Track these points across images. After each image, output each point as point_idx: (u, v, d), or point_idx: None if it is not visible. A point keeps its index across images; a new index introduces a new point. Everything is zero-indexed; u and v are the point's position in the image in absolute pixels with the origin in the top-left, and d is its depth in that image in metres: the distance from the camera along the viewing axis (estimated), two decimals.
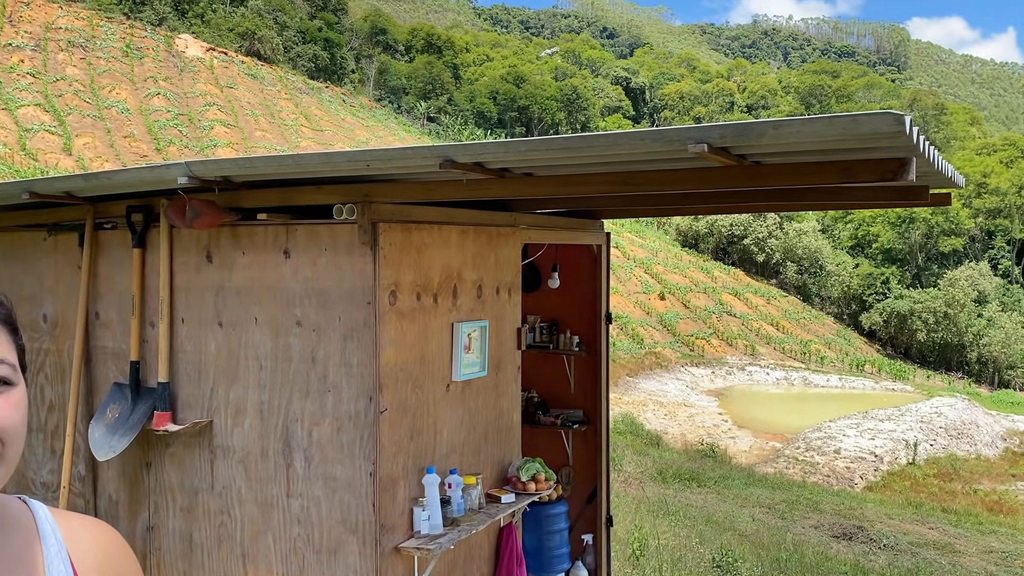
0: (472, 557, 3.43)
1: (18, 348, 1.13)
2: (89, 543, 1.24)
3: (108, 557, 1.25)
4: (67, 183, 3.26)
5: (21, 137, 36.03)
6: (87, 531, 1.26)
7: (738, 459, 20.24)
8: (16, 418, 1.07)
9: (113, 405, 3.32)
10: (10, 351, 1.10)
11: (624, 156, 2.42)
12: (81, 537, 1.24)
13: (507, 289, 3.71)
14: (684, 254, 52.50)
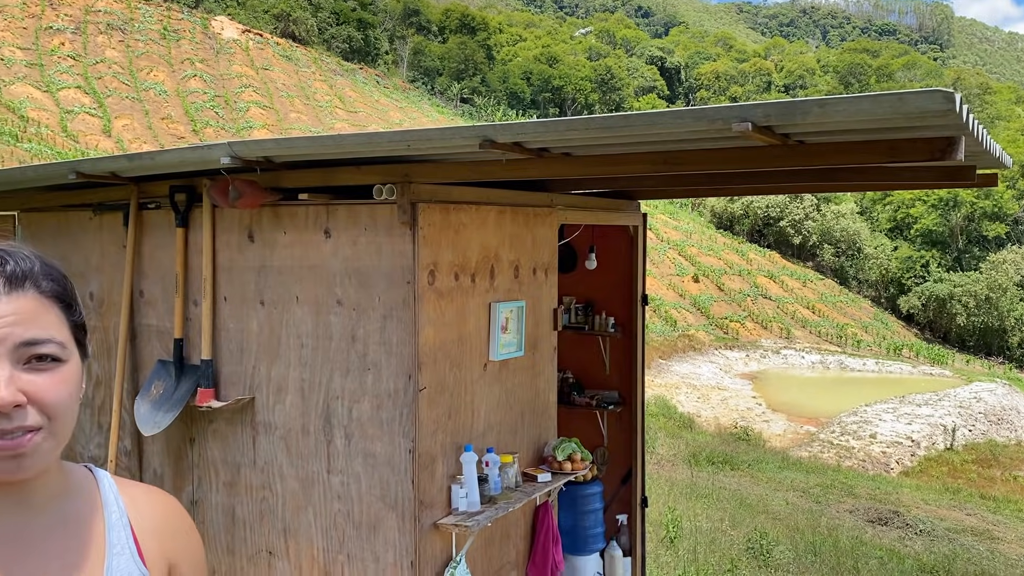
0: (509, 535, 3.47)
1: (73, 324, 1.15)
2: (149, 511, 1.28)
3: (167, 524, 1.29)
4: (112, 163, 3.32)
5: (62, 119, 36.65)
6: (147, 499, 1.30)
7: (772, 443, 20.11)
8: (64, 394, 1.10)
9: (158, 382, 3.40)
10: (60, 328, 1.12)
11: (665, 135, 2.41)
12: (142, 504, 1.28)
13: (544, 270, 3.72)
14: (719, 236, 51.99)
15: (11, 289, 1.08)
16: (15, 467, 1.06)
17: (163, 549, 1.26)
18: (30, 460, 1.07)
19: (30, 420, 1.05)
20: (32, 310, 1.09)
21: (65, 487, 1.20)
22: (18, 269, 1.09)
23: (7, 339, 1.05)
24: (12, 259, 1.10)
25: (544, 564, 3.51)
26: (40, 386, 1.07)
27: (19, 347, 1.06)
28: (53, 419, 1.08)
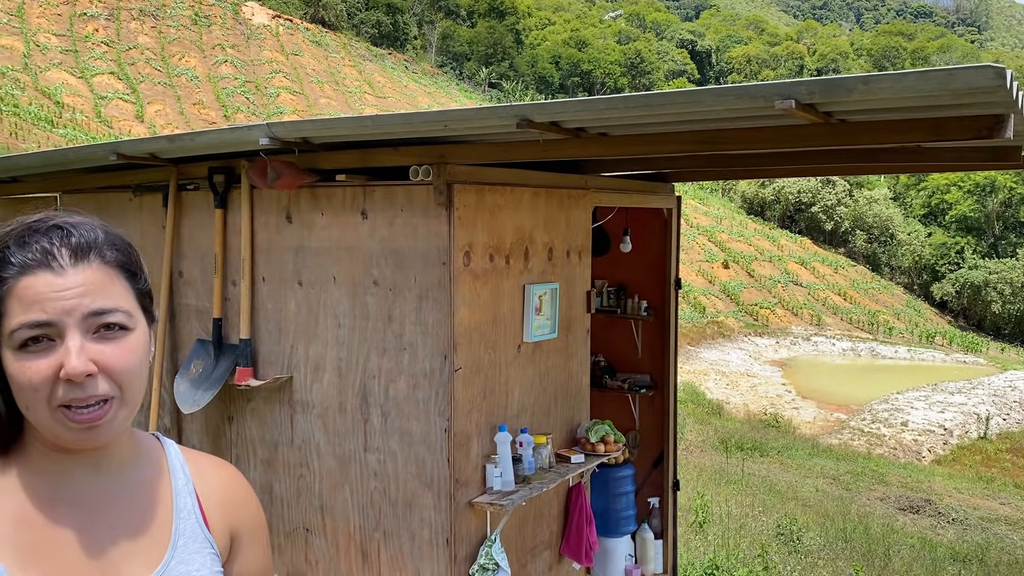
0: (542, 515, 3.48)
1: (139, 292, 1.17)
2: (215, 480, 1.32)
3: (232, 494, 1.33)
4: (152, 145, 3.36)
5: (96, 105, 37.11)
6: (213, 469, 1.33)
7: (801, 430, 19.97)
8: (132, 362, 1.12)
9: (197, 361, 3.45)
10: (126, 297, 1.14)
11: (705, 114, 2.39)
12: (207, 474, 1.31)
13: (577, 252, 3.71)
14: (749, 222, 51.50)
15: (77, 261, 1.10)
16: (90, 437, 1.09)
17: (227, 518, 1.29)
18: (105, 430, 1.10)
19: (101, 389, 1.08)
20: (98, 280, 1.10)
21: (135, 453, 1.24)
22: (83, 240, 1.11)
23: (75, 310, 1.07)
24: (76, 231, 1.12)
25: (578, 544, 3.53)
26: (109, 355, 1.09)
27: (87, 317, 1.08)
28: (124, 388, 1.11)
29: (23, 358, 1.06)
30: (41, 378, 1.05)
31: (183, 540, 1.22)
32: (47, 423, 1.08)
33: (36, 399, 1.06)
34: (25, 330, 1.06)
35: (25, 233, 1.10)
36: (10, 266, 1.08)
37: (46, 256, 1.08)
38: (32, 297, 1.07)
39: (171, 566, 1.19)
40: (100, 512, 1.17)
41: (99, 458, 1.17)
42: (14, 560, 1.08)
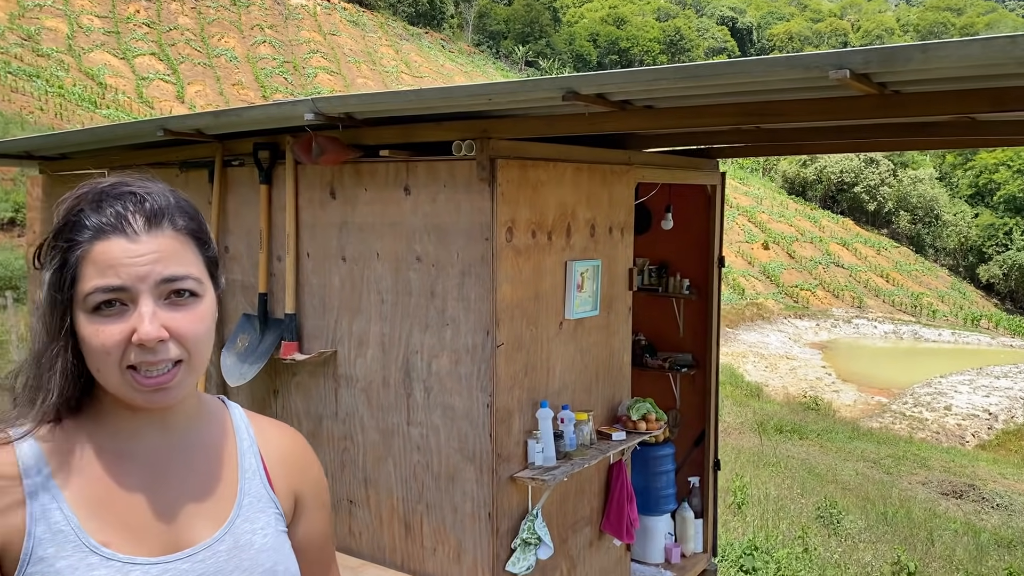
0: (583, 491, 3.49)
1: (207, 259, 1.19)
2: (277, 442, 1.34)
3: (295, 456, 1.35)
4: (198, 120, 3.39)
5: (138, 85, 37.63)
6: (276, 432, 1.36)
7: (841, 413, 19.74)
8: (201, 329, 1.14)
9: (243, 335, 3.49)
10: (196, 264, 1.16)
11: (754, 85, 2.34)
12: (270, 436, 1.34)
13: (620, 229, 3.68)
14: (790, 202, 50.75)
15: (150, 227, 1.11)
16: (159, 399, 1.12)
17: (290, 479, 1.32)
18: (173, 393, 1.12)
19: (172, 353, 1.10)
20: (170, 247, 1.12)
21: (201, 414, 1.26)
22: (156, 206, 1.13)
23: (148, 276, 1.09)
24: (150, 197, 1.13)
25: (619, 521, 3.53)
26: (180, 321, 1.11)
27: (159, 284, 1.10)
28: (192, 353, 1.13)
29: (96, 321, 1.08)
30: (114, 342, 1.08)
31: (248, 499, 1.24)
32: (117, 385, 1.11)
33: (108, 362, 1.09)
34: (99, 294, 1.08)
35: (99, 197, 1.12)
36: (85, 230, 1.10)
37: (120, 221, 1.10)
38: (106, 262, 1.08)
39: (236, 524, 1.21)
40: (167, 470, 1.19)
41: (166, 418, 1.20)
42: (85, 513, 1.11)
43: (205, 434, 1.26)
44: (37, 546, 1.07)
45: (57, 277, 1.10)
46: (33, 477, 1.10)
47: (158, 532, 1.14)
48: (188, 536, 1.17)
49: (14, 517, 1.07)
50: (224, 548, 1.18)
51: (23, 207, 16.43)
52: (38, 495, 1.09)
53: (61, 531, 1.08)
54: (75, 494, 1.11)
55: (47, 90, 30.14)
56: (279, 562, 1.23)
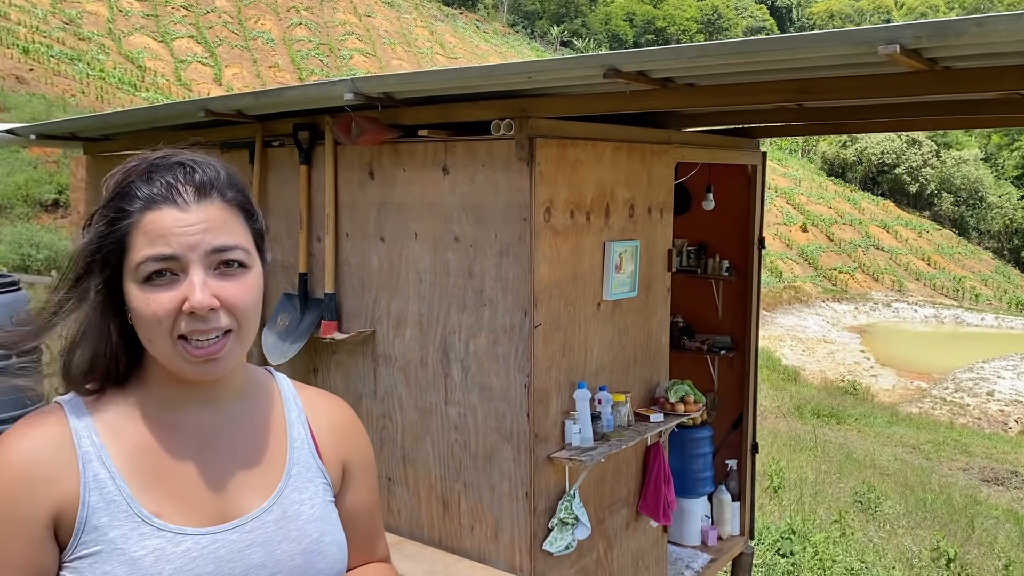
0: (620, 472, 3.48)
1: (255, 232, 1.20)
2: (326, 412, 1.35)
3: (342, 426, 1.36)
4: (239, 101, 3.42)
5: (177, 68, 38.05)
6: (324, 402, 1.37)
7: (880, 398, 19.48)
8: (250, 299, 1.15)
9: (283, 314, 3.53)
10: (244, 235, 1.17)
11: (800, 62, 2.30)
12: (319, 406, 1.35)
13: (659, 209, 3.65)
14: (829, 183, 49.92)
15: (200, 198, 1.12)
16: (208, 370, 1.13)
17: (338, 449, 1.33)
18: (222, 363, 1.14)
19: (222, 323, 1.11)
20: (219, 217, 1.13)
21: (249, 385, 1.28)
22: (206, 178, 1.14)
23: (199, 245, 1.10)
24: (200, 168, 1.14)
25: (656, 503, 3.52)
26: (229, 291, 1.12)
27: (210, 254, 1.11)
28: (241, 323, 1.14)
29: (147, 291, 1.09)
30: (165, 311, 1.09)
31: (296, 469, 1.26)
32: (168, 355, 1.12)
33: (159, 331, 1.10)
34: (150, 263, 1.09)
35: (150, 168, 1.13)
36: (136, 200, 1.11)
37: (171, 191, 1.11)
38: (157, 231, 1.10)
39: (284, 494, 1.23)
40: (216, 441, 1.21)
41: (215, 389, 1.21)
42: (136, 483, 1.12)
43: (253, 405, 1.27)
44: (91, 515, 1.09)
45: (103, 244, 1.11)
46: (85, 447, 1.12)
47: (207, 502, 1.16)
48: (237, 506, 1.18)
49: (68, 485, 1.09)
50: (272, 518, 1.19)
51: (66, 189, 16.75)
52: (90, 464, 1.11)
53: (113, 501, 1.10)
54: (126, 464, 1.13)
55: (88, 73, 30.60)
56: (326, 532, 1.24)
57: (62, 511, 1.09)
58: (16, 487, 1.07)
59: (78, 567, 1.08)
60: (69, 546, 1.08)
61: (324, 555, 1.22)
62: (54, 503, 1.08)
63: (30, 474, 1.08)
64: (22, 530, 1.06)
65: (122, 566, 1.07)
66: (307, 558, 1.20)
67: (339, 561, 1.25)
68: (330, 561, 1.23)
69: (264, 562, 1.16)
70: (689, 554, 4.35)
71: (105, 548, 1.08)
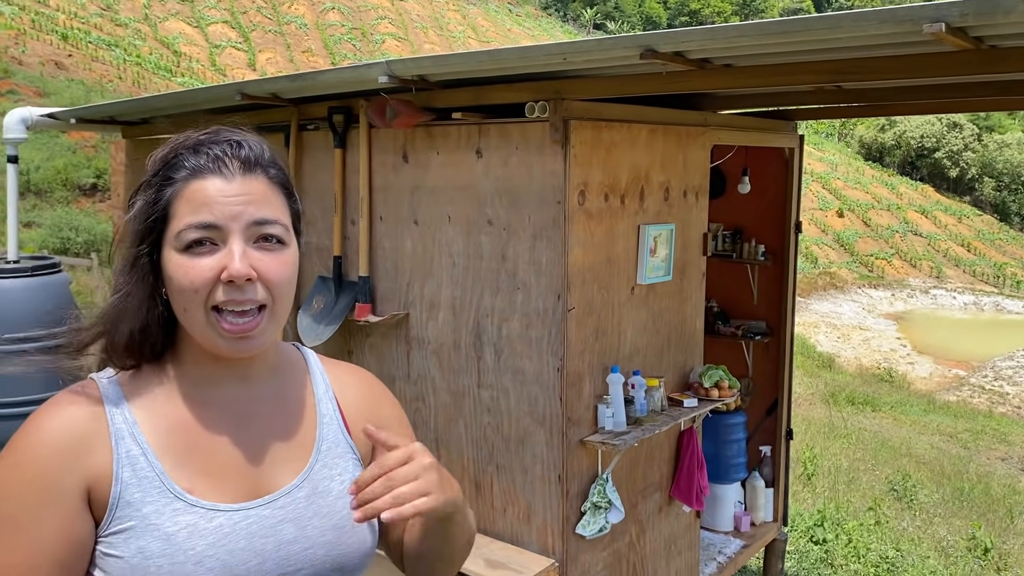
0: (653, 457, 3.47)
1: (293, 212, 1.22)
2: (350, 384, 1.37)
3: (368, 394, 1.38)
4: (274, 85, 3.44)
5: (211, 53, 38.36)
6: (349, 375, 1.38)
7: (916, 385, 19.20)
8: (285, 276, 1.16)
9: (318, 296, 3.56)
10: (284, 213, 1.18)
11: (841, 42, 2.25)
12: (345, 381, 1.36)
13: (695, 192, 3.61)
14: (867, 168, 49.04)
15: (245, 171, 1.15)
16: (242, 347, 1.14)
17: (367, 418, 1.34)
18: (257, 341, 1.15)
19: (259, 295, 1.12)
20: (262, 192, 1.15)
21: (280, 362, 1.29)
22: (251, 154, 1.16)
23: (240, 216, 1.12)
24: (247, 144, 1.17)
25: (689, 488, 3.50)
26: (267, 264, 1.13)
27: (250, 226, 1.13)
28: (276, 299, 1.15)
29: (187, 258, 1.11)
30: (203, 279, 1.10)
31: (326, 445, 1.27)
32: (202, 327, 1.13)
33: (195, 300, 1.11)
34: (192, 231, 1.10)
35: (198, 142, 1.16)
36: (183, 169, 1.13)
37: (217, 163, 1.13)
38: (201, 199, 1.11)
39: (315, 470, 1.24)
40: (248, 418, 1.22)
41: (249, 367, 1.22)
42: (169, 459, 1.14)
43: (284, 382, 1.28)
44: (124, 490, 1.10)
45: (148, 213, 1.13)
46: (118, 424, 1.13)
47: (239, 479, 1.17)
48: (268, 482, 1.19)
49: (101, 460, 1.11)
50: (303, 495, 1.21)
51: (104, 173, 17.00)
52: (123, 441, 1.12)
53: (146, 477, 1.11)
54: (158, 440, 1.14)
55: (125, 59, 30.97)
56: None
57: (95, 485, 1.10)
58: (50, 460, 1.09)
59: (113, 542, 1.09)
60: (104, 521, 1.10)
61: (354, 531, 1.23)
62: (87, 476, 1.10)
63: (63, 447, 1.10)
64: (56, 501, 1.08)
65: (156, 541, 1.08)
66: (337, 534, 1.21)
67: (369, 536, 1.26)
68: (360, 536, 1.24)
69: (296, 537, 1.18)
70: (722, 540, 4.34)
71: (139, 523, 1.09)
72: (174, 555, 1.08)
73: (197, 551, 1.09)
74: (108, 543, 1.09)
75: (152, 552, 1.08)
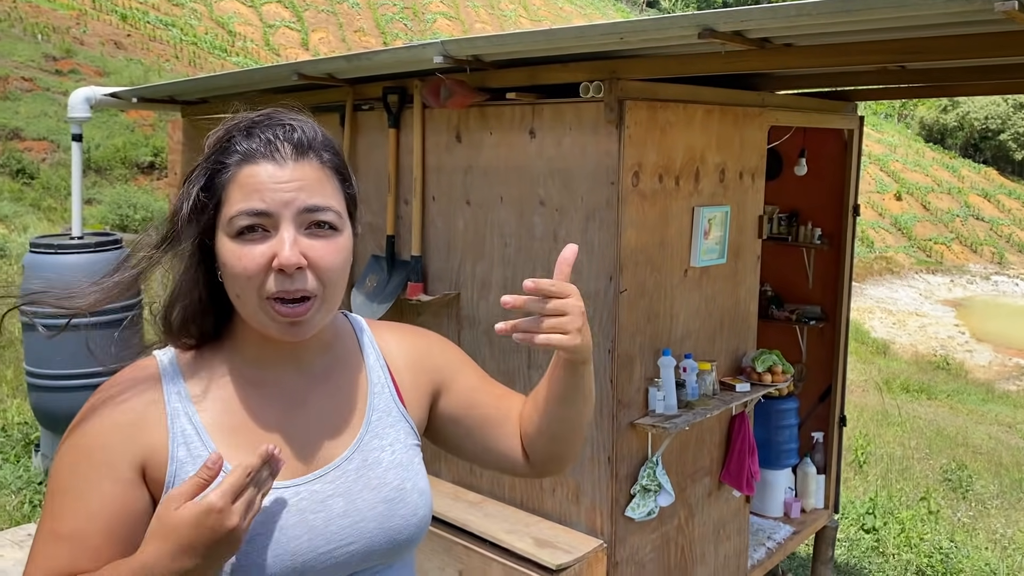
0: (703, 441, 3.45)
1: (348, 197, 1.21)
2: (395, 341, 1.37)
3: (417, 355, 1.37)
4: (330, 65, 3.46)
5: (265, 33, 38.78)
6: (393, 336, 1.38)
7: (975, 374, 18.70)
8: (337, 261, 1.15)
9: (371, 275, 3.60)
10: (338, 198, 1.17)
11: (908, 20, 2.18)
12: (390, 341, 1.37)
13: (751, 174, 3.56)
14: (927, 150, 47.65)
15: (297, 156, 1.14)
16: (293, 332, 1.14)
17: (418, 380, 1.35)
18: (306, 327, 1.15)
19: (309, 284, 1.12)
20: (314, 178, 1.14)
21: (331, 337, 1.30)
22: (304, 138, 1.15)
23: (292, 203, 1.11)
24: (300, 128, 1.16)
25: (739, 473, 3.48)
26: (319, 251, 1.12)
27: (302, 212, 1.12)
28: (327, 285, 1.14)
29: (239, 245, 1.11)
30: (255, 266, 1.10)
31: (377, 415, 1.27)
32: (255, 313, 1.13)
33: (248, 287, 1.11)
34: (244, 217, 1.10)
35: (251, 125, 1.15)
36: (235, 154, 1.13)
37: (269, 148, 1.13)
38: (253, 185, 1.11)
39: (365, 440, 1.25)
40: (301, 396, 1.23)
41: (301, 348, 1.23)
42: (222, 439, 1.16)
43: (336, 357, 1.29)
44: (179, 469, 1.12)
45: (202, 197, 1.13)
46: (174, 403, 1.15)
47: (291, 456, 1.18)
48: (319, 457, 1.20)
49: (157, 437, 1.12)
50: (353, 467, 1.21)
51: (161, 151, 17.35)
52: (178, 420, 1.14)
53: (200, 456, 1.13)
54: (212, 419, 1.16)
55: (181, 39, 31.47)
56: (407, 479, 1.25)
57: (150, 461, 1.12)
58: (106, 435, 1.11)
59: None
60: (160, 498, 1.12)
61: (405, 502, 1.23)
62: (142, 450, 1.12)
63: (120, 423, 1.12)
64: (110, 469, 1.10)
65: None
66: (388, 506, 1.21)
67: (420, 507, 1.26)
68: (411, 507, 1.24)
69: (346, 511, 1.18)
70: (771, 525, 4.30)
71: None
72: None
73: (249, 528, 1.11)
74: None
75: None
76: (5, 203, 13.28)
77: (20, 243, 11.27)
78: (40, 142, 16.50)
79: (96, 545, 1.08)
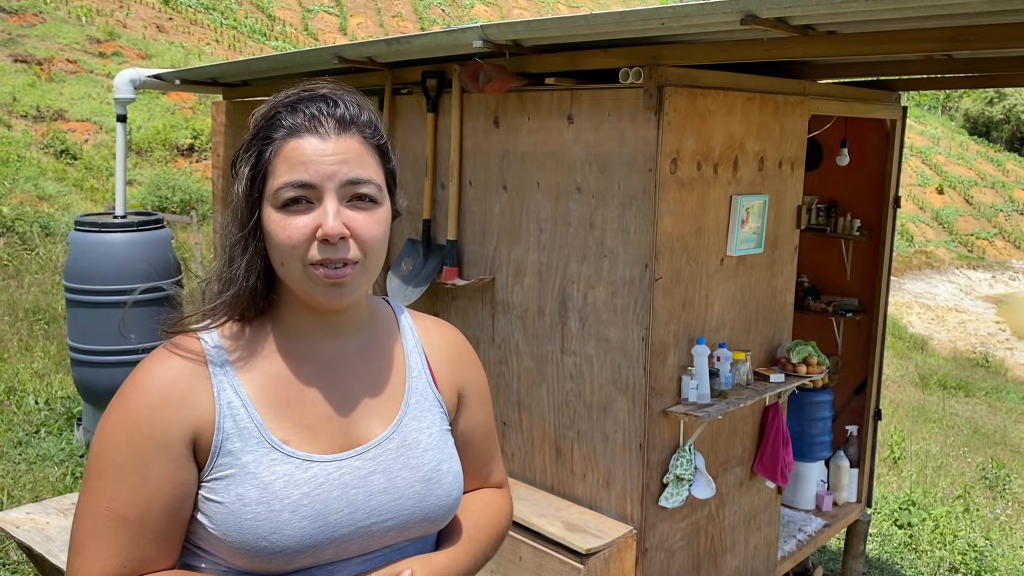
0: (736, 431, 3.44)
1: (388, 172, 1.24)
2: (439, 340, 1.40)
3: (456, 354, 1.42)
4: (370, 48, 3.48)
5: (304, 17, 38.99)
6: (438, 330, 1.42)
7: (1015, 372, 18.32)
8: (377, 233, 1.19)
9: (407, 259, 3.63)
10: (378, 173, 1.21)
11: (955, 8, 2.14)
12: (434, 335, 1.41)
13: (790, 163, 3.52)
14: (972, 143, 46.62)
15: (340, 131, 1.17)
16: (336, 295, 1.18)
17: (453, 377, 1.38)
18: (348, 290, 1.18)
19: (351, 253, 1.16)
20: (357, 151, 1.18)
21: (371, 316, 1.34)
22: (347, 113, 1.19)
23: (335, 175, 1.15)
24: (344, 103, 1.19)
25: (773, 464, 3.46)
26: (360, 222, 1.17)
27: (344, 185, 1.16)
28: (368, 255, 1.18)
29: (284, 216, 1.15)
30: (300, 236, 1.14)
31: (415, 398, 1.31)
32: (298, 280, 1.17)
33: (292, 256, 1.15)
34: (289, 189, 1.14)
35: (296, 100, 1.19)
36: (280, 128, 1.17)
37: (313, 122, 1.16)
38: (297, 158, 1.15)
39: (404, 422, 1.28)
40: (342, 371, 1.26)
41: (343, 321, 1.26)
42: (266, 411, 1.19)
43: (375, 336, 1.32)
44: (225, 439, 1.15)
45: (252, 172, 1.17)
46: (219, 376, 1.18)
47: (332, 430, 1.21)
48: (360, 434, 1.23)
49: (204, 410, 1.16)
50: (393, 446, 1.24)
51: (200, 134, 17.56)
52: (224, 392, 1.17)
53: (246, 428, 1.16)
54: (256, 391, 1.19)
55: (221, 23, 31.76)
56: (443, 461, 1.29)
57: (199, 434, 1.15)
58: (156, 411, 1.14)
59: (214, 487, 1.15)
60: (206, 467, 1.16)
61: (441, 483, 1.27)
62: (192, 425, 1.15)
63: (169, 398, 1.15)
64: (163, 450, 1.13)
65: (255, 489, 1.13)
66: (425, 486, 1.25)
67: (455, 488, 1.29)
68: (446, 489, 1.27)
69: (386, 488, 1.21)
70: (803, 518, 4.28)
71: (238, 472, 1.14)
72: (271, 503, 1.13)
73: (292, 500, 1.14)
74: (210, 488, 1.15)
75: (250, 499, 1.13)
76: (49, 183, 13.54)
77: (64, 222, 11.50)
78: (83, 123, 16.79)
79: (159, 527, 1.13)
